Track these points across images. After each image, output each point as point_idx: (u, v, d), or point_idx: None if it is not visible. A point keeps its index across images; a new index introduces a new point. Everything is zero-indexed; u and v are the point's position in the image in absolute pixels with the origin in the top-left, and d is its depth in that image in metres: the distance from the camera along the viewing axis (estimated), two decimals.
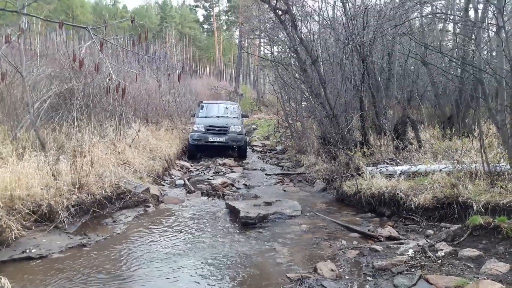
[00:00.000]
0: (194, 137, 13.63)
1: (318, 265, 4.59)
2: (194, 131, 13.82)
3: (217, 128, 13.86)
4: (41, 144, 7.75)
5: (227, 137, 13.75)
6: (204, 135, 13.64)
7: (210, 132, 13.71)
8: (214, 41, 55.41)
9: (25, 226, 5.47)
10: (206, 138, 13.60)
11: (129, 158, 9.19)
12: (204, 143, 13.67)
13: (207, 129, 13.76)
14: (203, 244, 5.60)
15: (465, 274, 4.03)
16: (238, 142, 13.98)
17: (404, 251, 4.94)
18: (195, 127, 13.98)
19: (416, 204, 6.36)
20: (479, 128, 7.53)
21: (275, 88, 17.86)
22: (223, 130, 13.86)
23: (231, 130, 13.91)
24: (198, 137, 13.59)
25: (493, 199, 5.36)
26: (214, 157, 13.86)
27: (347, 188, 7.98)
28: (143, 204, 7.53)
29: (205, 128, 13.76)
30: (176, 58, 35.49)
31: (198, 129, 13.80)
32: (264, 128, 23.14)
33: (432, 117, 12.18)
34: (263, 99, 38.66)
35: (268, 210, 7.02)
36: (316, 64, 10.13)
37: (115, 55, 14.85)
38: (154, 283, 4.34)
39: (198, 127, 13.86)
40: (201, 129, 13.76)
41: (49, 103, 8.88)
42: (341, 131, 9.56)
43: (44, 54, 11.50)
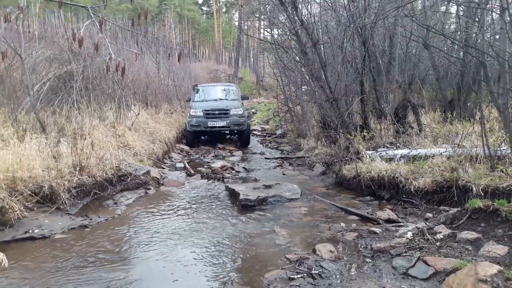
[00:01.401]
0: (192, 122, 12.64)
1: (317, 247, 4.63)
2: (192, 117, 12.76)
3: (217, 112, 12.79)
4: (41, 126, 7.74)
5: (229, 121, 12.66)
6: (203, 120, 12.62)
7: (209, 117, 12.68)
8: (213, 24, 54.86)
9: (27, 207, 5.51)
10: (205, 123, 12.58)
11: (129, 141, 9.20)
12: (203, 129, 12.76)
13: (206, 113, 12.71)
14: (202, 226, 5.65)
15: (463, 256, 4.07)
16: (241, 126, 12.91)
17: (403, 233, 4.98)
18: (192, 112, 12.90)
19: (416, 187, 6.39)
20: (481, 111, 7.53)
21: (275, 72, 17.68)
22: (223, 114, 12.78)
23: (232, 113, 12.80)
24: (197, 122, 12.59)
25: (493, 183, 5.38)
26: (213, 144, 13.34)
27: (346, 171, 8.01)
28: (144, 186, 7.57)
29: (204, 112, 12.71)
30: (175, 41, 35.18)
31: (196, 114, 12.76)
32: (264, 112, 23.10)
33: (433, 101, 12.15)
34: (263, 83, 38.49)
35: (268, 193, 7.05)
36: (317, 47, 10.04)
37: (114, 37, 14.73)
38: (155, 263, 4.38)
39: (195, 112, 12.81)
40: (199, 113, 12.71)
41: (49, 86, 8.84)
42: (341, 115, 9.54)
43: (42, 36, 11.36)
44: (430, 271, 3.85)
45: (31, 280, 3.90)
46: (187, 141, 13.19)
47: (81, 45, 3.90)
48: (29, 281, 3.87)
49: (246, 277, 4.11)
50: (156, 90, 15.58)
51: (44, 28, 13.99)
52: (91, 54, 10.01)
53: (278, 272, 4.07)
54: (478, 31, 7.62)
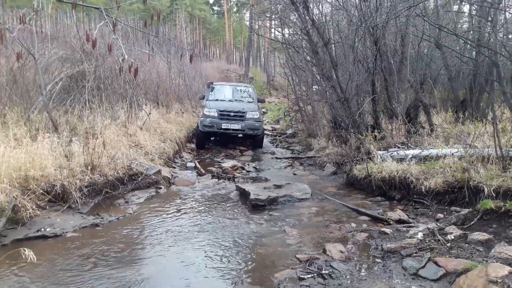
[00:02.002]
0: (206, 122, 11.80)
1: (327, 247, 4.62)
2: (205, 116, 11.93)
3: (232, 114, 12.00)
4: (54, 125, 7.84)
5: (244, 124, 11.90)
6: (217, 121, 11.82)
7: (224, 118, 11.89)
8: (224, 24, 54.96)
9: (40, 206, 5.58)
10: (219, 124, 11.78)
11: (141, 141, 9.26)
12: (216, 130, 11.93)
13: (221, 114, 11.92)
14: (213, 225, 5.67)
15: (474, 257, 4.03)
16: (256, 130, 12.15)
17: (414, 234, 4.95)
18: (206, 111, 12.05)
19: (427, 188, 6.35)
20: (493, 112, 7.44)
21: (285, 71, 17.64)
22: (239, 116, 11.99)
23: (248, 116, 12.05)
24: (210, 123, 11.78)
25: (505, 184, 5.33)
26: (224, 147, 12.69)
27: (357, 172, 7.98)
28: (155, 185, 7.62)
29: (218, 113, 11.93)
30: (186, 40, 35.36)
31: (210, 113, 11.93)
32: (275, 111, 23.10)
33: (445, 101, 12.04)
34: (273, 82, 38.48)
35: (278, 193, 7.06)
36: (328, 47, 10.02)
37: (126, 38, 14.84)
38: (165, 262, 4.42)
39: (209, 112, 11.98)
40: (214, 114, 11.93)
41: (61, 86, 8.95)
42: (353, 115, 9.50)
43: (55, 36, 11.51)
44: (441, 272, 3.82)
45: (43, 278, 3.95)
46: (197, 142, 12.55)
47: (95, 46, 3.95)
48: (41, 279, 3.92)
49: (257, 276, 4.12)
50: (167, 89, 15.66)
51: (56, 28, 14.18)
52: (103, 54, 10.10)
53: (289, 272, 4.08)
54: (490, 31, 7.54)
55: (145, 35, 17.26)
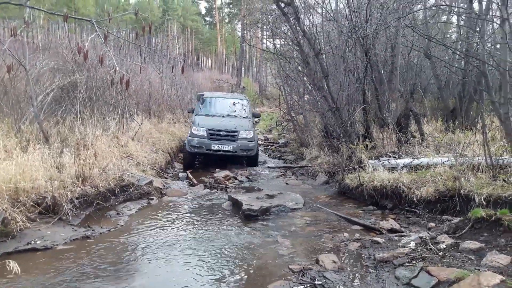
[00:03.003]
0: (193, 143, 10.71)
1: (320, 257, 4.62)
2: (193, 136, 10.82)
3: (223, 133, 10.87)
4: (44, 137, 7.79)
5: (236, 145, 10.78)
6: (205, 141, 10.71)
7: (214, 138, 10.78)
8: (216, 34, 55.23)
9: (30, 218, 5.52)
10: (208, 145, 10.68)
11: (132, 151, 9.24)
12: (205, 151, 10.79)
13: (210, 133, 10.80)
14: (205, 236, 5.64)
15: (466, 266, 4.05)
16: (249, 151, 11.00)
17: (406, 243, 4.96)
18: (194, 130, 10.94)
19: (418, 197, 6.38)
20: (482, 121, 7.52)
21: (277, 81, 17.75)
22: (230, 136, 10.87)
23: (241, 136, 10.92)
24: (198, 143, 10.69)
25: (495, 192, 5.37)
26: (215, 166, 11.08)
27: (349, 181, 8.00)
28: (147, 196, 7.59)
29: (208, 132, 10.80)
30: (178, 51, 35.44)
31: (199, 133, 10.82)
32: (267, 121, 23.17)
33: (435, 110, 12.17)
34: (266, 92, 38.65)
35: (271, 202, 7.05)
36: (319, 57, 10.11)
37: (118, 48, 14.84)
38: (158, 274, 4.38)
39: (198, 131, 10.86)
40: (202, 133, 10.80)
41: (52, 96, 8.92)
42: (344, 124, 9.56)
43: (46, 47, 11.49)
44: (433, 281, 3.83)
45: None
46: (184, 163, 11.32)
47: (86, 58, 3.95)
48: None
49: None
50: (159, 100, 15.66)
51: (48, 39, 14.16)
52: (95, 65, 10.09)
53: (281, 283, 4.07)
54: (478, 41, 7.66)
55: (137, 45, 17.28)
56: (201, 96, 12.70)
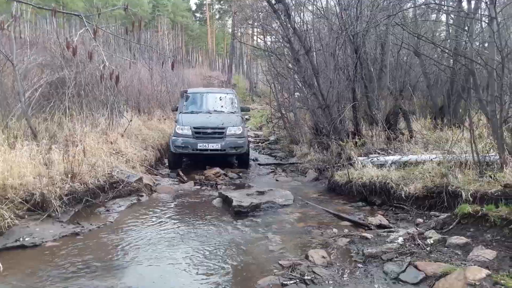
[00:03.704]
0: (178, 143, 9.95)
1: (310, 253, 4.66)
2: (177, 135, 10.05)
3: (209, 131, 10.08)
4: (33, 133, 7.71)
5: (224, 143, 9.98)
6: (191, 140, 9.93)
7: (200, 137, 9.99)
8: (206, 30, 55.03)
9: (18, 215, 5.48)
10: (194, 145, 9.90)
11: (122, 148, 9.18)
12: (191, 152, 10.03)
13: (196, 132, 10.01)
14: (196, 232, 5.65)
15: (453, 260, 4.12)
16: (239, 149, 10.20)
17: (394, 239, 5.02)
18: (178, 129, 10.15)
19: (407, 193, 6.45)
20: (470, 118, 7.62)
21: (268, 78, 17.74)
22: (217, 133, 10.08)
23: (229, 132, 10.11)
24: (183, 143, 9.91)
25: (481, 188, 5.45)
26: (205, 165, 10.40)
27: (338, 177, 8.06)
28: (136, 193, 7.56)
29: (193, 130, 10.01)
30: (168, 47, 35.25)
31: (183, 132, 10.05)
32: (257, 118, 23.16)
33: (423, 108, 12.28)
34: (256, 89, 38.61)
35: (261, 199, 7.07)
36: (309, 54, 10.14)
37: (107, 44, 14.71)
38: (147, 271, 4.38)
39: (182, 130, 10.09)
40: (187, 132, 10.03)
41: (41, 92, 8.82)
42: (334, 122, 9.61)
43: (34, 42, 11.34)
44: (421, 276, 3.89)
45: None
46: (169, 164, 10.63)
47: (75, 54, 3.92)
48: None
49: (239, 283, 4.13)
50: (149, 96, 15.56)
51: (36, 34, 13.98)
52: (84, 60, 10.00)
53: (271, 279, 4.09)
54: (467, 40, 7.75)
55: (126, 41, 17.15)
56: (184, 92, 11.85)
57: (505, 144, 5.95)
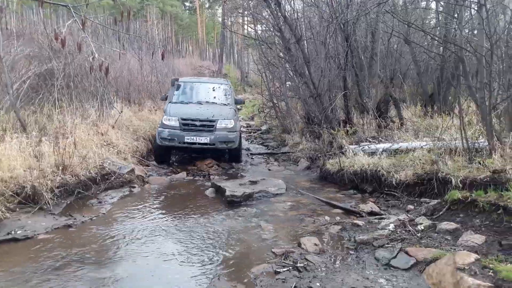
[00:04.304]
0: (164, 135, 9.22)
1: (302, 240, 4.71)
2: (164, 126, 9.35)
3: (198, 123, 9.33)
4: (22, 125, 7.64)
5: (214, 136, 9.24)
6: (178, 132, 9.21)
7: (188, 129, 9.27)
8: (196, 20, 54.51)
9: (9, 208, 5.45)
10: (181, 137, 9.17)
11: (113, 139, 9.13)
12: (178, 145, 9.33)
13: (184, 123, 9.28)
14: (189, 222, 5.67)
15: (443, 246, 4.19)
16: (230, 143, 9.44)
17: (385, 225, 5.09)
18: (165, 120, 9.45)
19: (397, 180, 6.52)
20: (459, 105, 7.68)
21: (259, 68, 17.64)
22: (207, 126, 9.34)
23: (219, 126, 9.38)
24: (170, 135, 9.19)
25: (471, 175, 5.53)
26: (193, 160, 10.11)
27: (330, 166, 8.11)
28: (128, 184, 7.54)
29: (181, 122, 9.29)
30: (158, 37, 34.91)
31: (170, 123, 9.34)
32: (249, 108, 23.12)
33: (414, 96, 12.34)
34: (247, 79, 38.45)
35: (254, 188, 7.10)
36: (300, 43, 10.12)
37: (96, 34, 14.53)
38: (141, 261, 4.39)
39: (169, 120, 9.38)
40: (174, 123, 9.32)
41: (29, 84, 8.71)
42: (325, 110, 9.64)
43: (21, 33, 11.16)
44: (411, 262, 3.96)
45: (15, 282, 3.87)
46: (155, 158, 9.89)
47: (64, 45, 3.87)
48: (13, 283, 3.84)
49: (233, 272, 4.16)
50: (139, 87, 15.42)
51: (22, 25, 13.75)
52: (72, 51, 9.88)
53: (265, 266, 4.14)
54: (456, 27, 7.77)
55: (115, 31, 16.95)
56: (175, 81, 11.12)
57: (493, 131, 6.02)
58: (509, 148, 5.68)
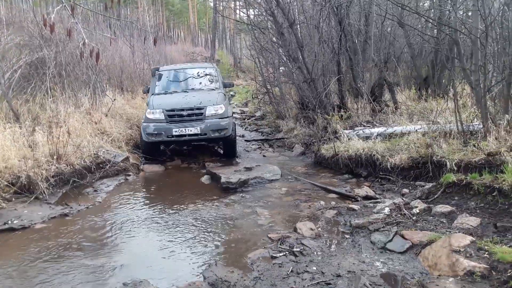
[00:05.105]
0: (149, 130, 8.33)
1: (298, 225, 4.73)
2: (148, 121, 8.44)
3: (185, 113, 8.43)
4: (15, 115, 7.57)
5: (204, 125, 8.34)
6: (164, 126, 8.34)
7: (174, 121, 8.40)
8: (188, 5, 53.85)
9: (5, 198, 5.45)
10: (168, 130, 8.30)
11: (106, 128, 9.08)
12: (166, 139, 8.45)
13: (169, 115, 8.41)
14: (185, 210, 5.68)
15: (438, 229, 4.23)
16: (223, 131, 8.49)
17: (381, 209, 5.12)
18: (148, 114, 8.54)
19: (392, 164, 6.54)
20: (454, 88, 7.69)
21: (252, 53, 17.50)
22: (195, 115, 8.44)
23: (209, 113, 8.46)
24: (156, 129, 8.32)
25: (465, 158, 5.55)
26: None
27: (325, 151, 8.12)
28: (124, 172, 7.54)
29: (166, 114, 8.41)
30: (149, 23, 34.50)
31: (155, 116, 8.43)
32: (242, 94, 23.03)
33: (408, 79, 12.33)
34: (240, 65, 38.21)
35: (249, 175, 7.11)
36: (293, 27, 10.03)
37: (86, 22, 14.32)
38: (138, 249, 4.41)
39: (153, 114, 8.48)
40: (159, 116, 8.42)
41: (20, 73, 8.60)
42: (319, 95, 9.61)
43: (11, 22, 10.97)
44: (407, 245, 3.99)
45: (13, 270, 3.87)
46: (144, 154, 8.90)
47: (53, 30, 3.80)
48: (11, 272, 3.84)
49: (230, 257, 4.18)
50: (132, 74, 15.28)
51: (11, 13, 13.52)
52: (63, 39, 9.74)
53: (261, 251, 4.16)
54: (451, 9, 7.74)
55: (106, 18, 16.72)
56: (156, 70, 10.20)
57: (488, 113, 6.03)
58: (503, 131, 5.69)
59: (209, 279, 3.60)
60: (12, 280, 3.71)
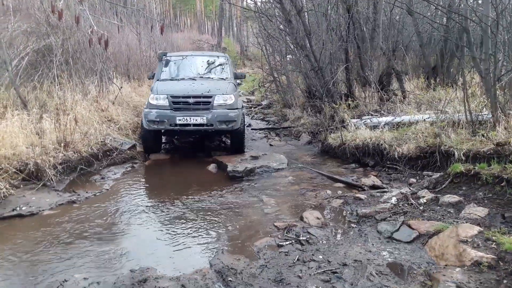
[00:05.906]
0: (151, 116, 7.69)
1: (304, 214, 4.73)
2: (151, 107, 7.81)
3: (191, 100, 7.76)
4: (22, 102, 7.59)
5: (211, 115, 7.67)
6: (168, 113, 7.67)
7: (179, 108, 7.74)
8: None
9: (13, 184, 5.48)
10: (172, 118, 7.63)
11: (113, 115, 9.11)
12: (169, 128, 7.75)
13: (174, 102, 7.74)
14: (192, 198, 5.69)
15: (445, 219, 4.21)
16: (231, 123, 7.81)
17: (388, 199, 5.10)
18: (152, 99, 7.90)
19: (400, 154, 6.51)
20: (463, 77, 7.59)
21: (259, 41, 17.38)
22: (202, 103, 7.78)
23: (217, 102, 7.81)
24: (158, 116, 7.67)
25: (474, 147, 5.50)
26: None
27: (332, 140, 8.09)
28: (130, 160, 7.58)
29: (170, 100, 7.75)
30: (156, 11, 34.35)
31: (158, 102, 7.80)
32: (249, 82, 22.94)
33: (416, 68, 12.19)
34: (247, 53, 38.06)
35: (255, 164, 7.12)
36: (301, 15, 9.93)
37: (92, 9, 14.27)
38: (145, 236, 4.43)
39: (157, 99, 7.83)
40: (163, 102, 7.77)
41: (28, 61, 8.61)
42: (327, 84, 9.55)
43: (18, 9, 10.96)
44: (414, 234, 3.98)
45: (22, 255, 3.91)
46: (143, 144, 8.33)
47: (61, 17, 3.79)
48: (20, 257, 3.88)
49: (237, 245, 4.20)
50: (138, 62, 15.26)
51: (19, 0, 13.50)
52: (70, 27, 9.72)
53: (268, 240, 4.17)
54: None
55: (112, 6, 16.66)
56: (163, 55, 9.43)
57: (498, 103, 5.96)
58: None
59: (215, 266, 3.62)
60: (21, 265, 3.75)
